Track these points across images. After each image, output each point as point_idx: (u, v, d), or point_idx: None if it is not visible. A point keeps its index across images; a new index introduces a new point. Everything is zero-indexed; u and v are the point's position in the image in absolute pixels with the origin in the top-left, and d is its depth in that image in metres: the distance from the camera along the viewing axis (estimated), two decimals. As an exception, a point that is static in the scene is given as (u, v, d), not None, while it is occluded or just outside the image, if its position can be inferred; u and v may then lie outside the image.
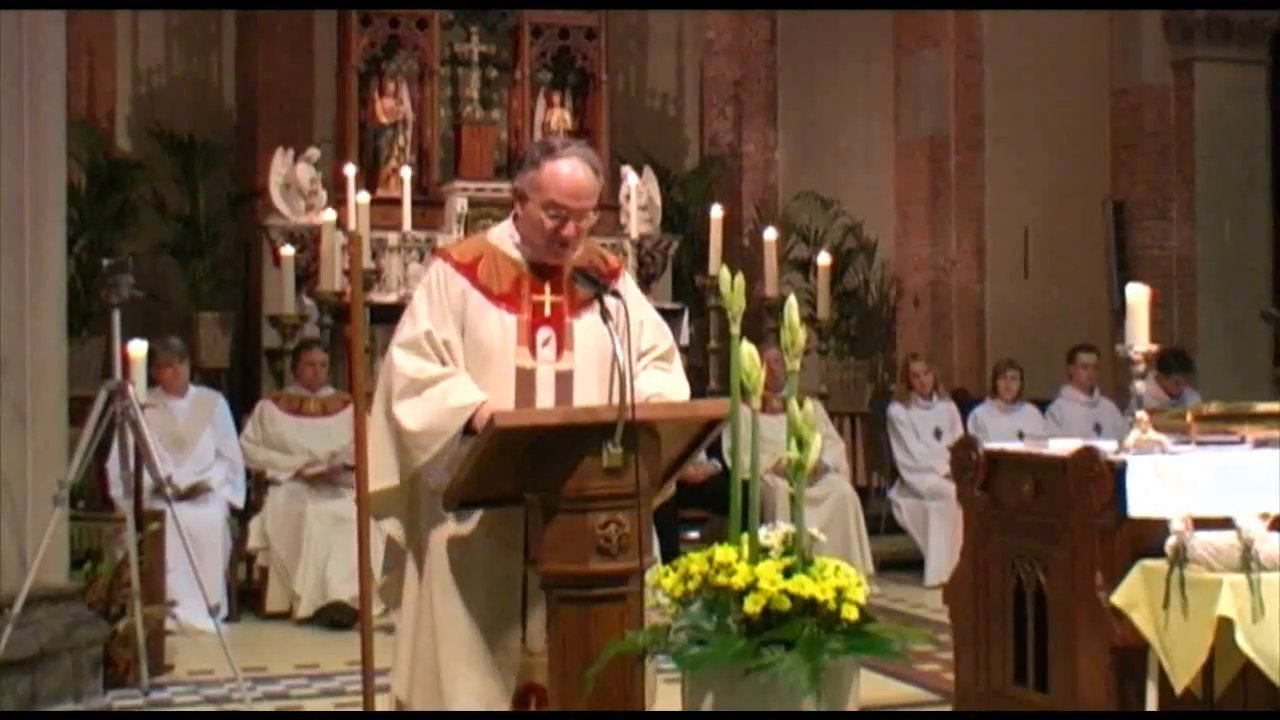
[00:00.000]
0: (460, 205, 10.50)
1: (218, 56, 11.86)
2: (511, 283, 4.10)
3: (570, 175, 4.03)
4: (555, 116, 11.17)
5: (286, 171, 10.47)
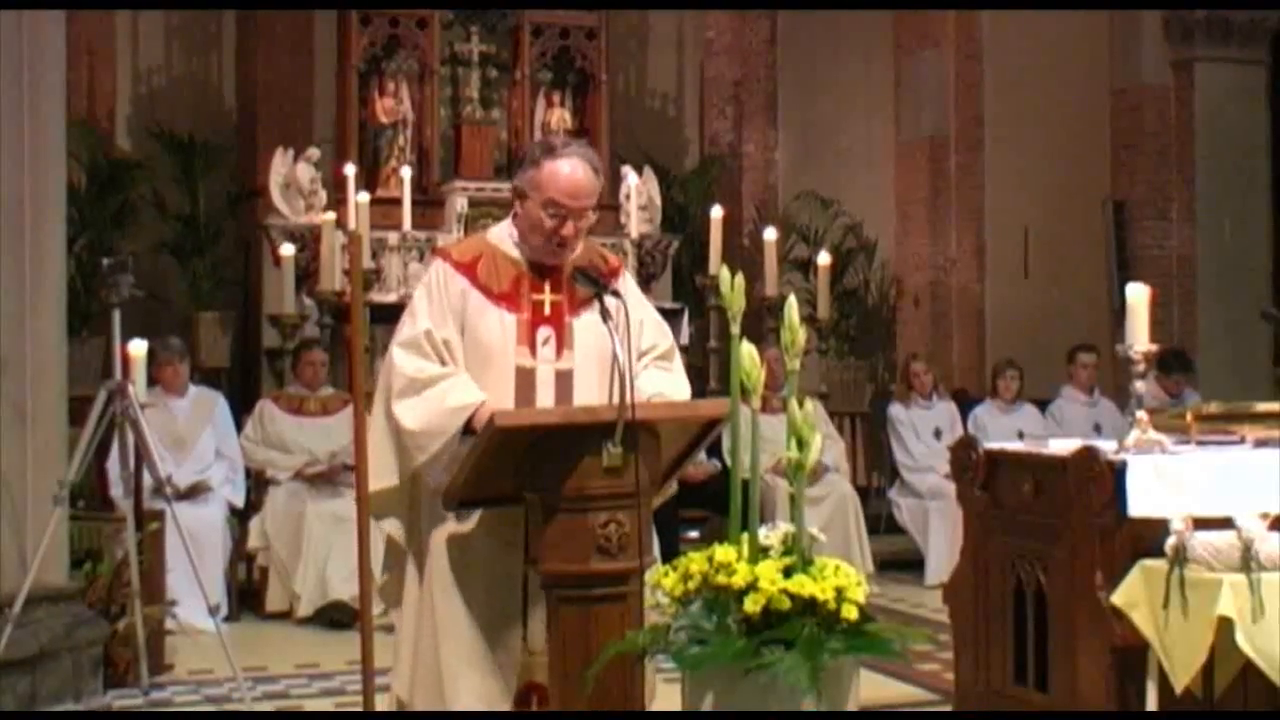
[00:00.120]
0: (460, 205, 10.50)
1: (218, 56, 11.85)
2: (511, 282, 4.09)
3: (570, 174, 4.02)
4: (555, 116, 11.17)
5: (286, 171, 10.47)
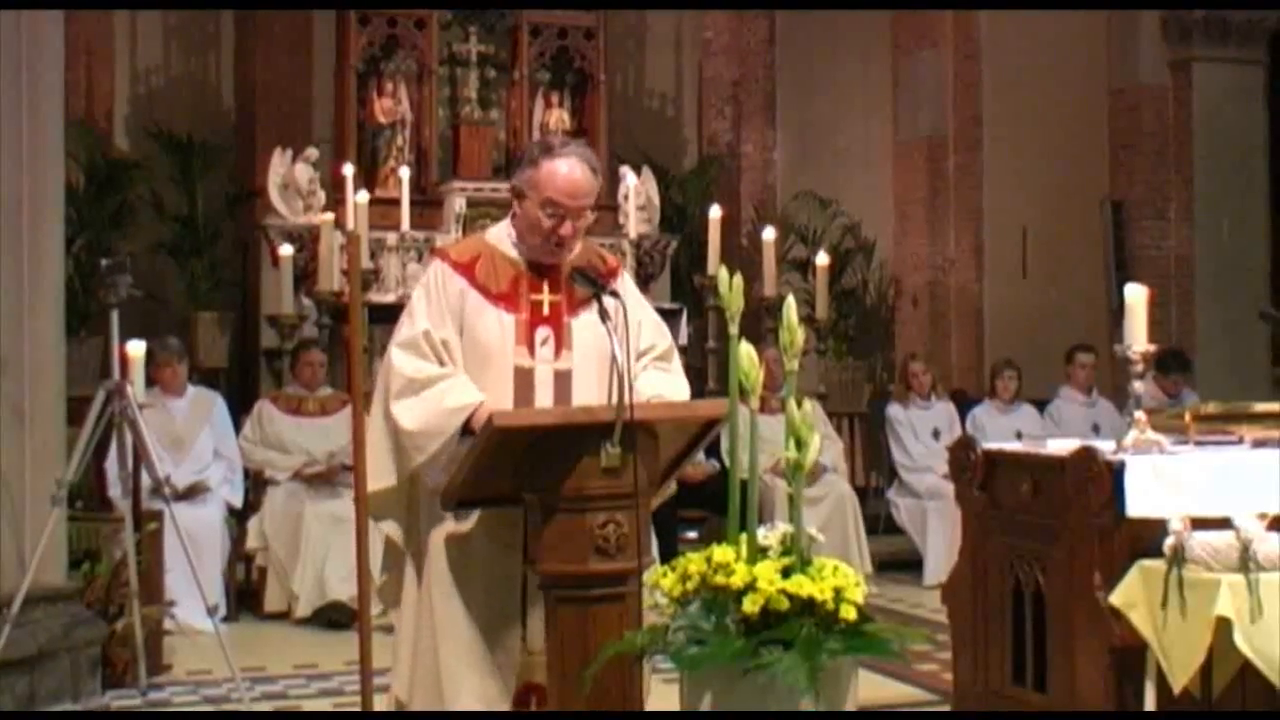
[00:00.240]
0: (459, 205, 10.49)
1: (216, 56, 11.84)
2: (510, 282, 4.09)
3: (568, 174, 4.02)
4: (554, 116, 11.16)
5: (285, 171, 10.46)
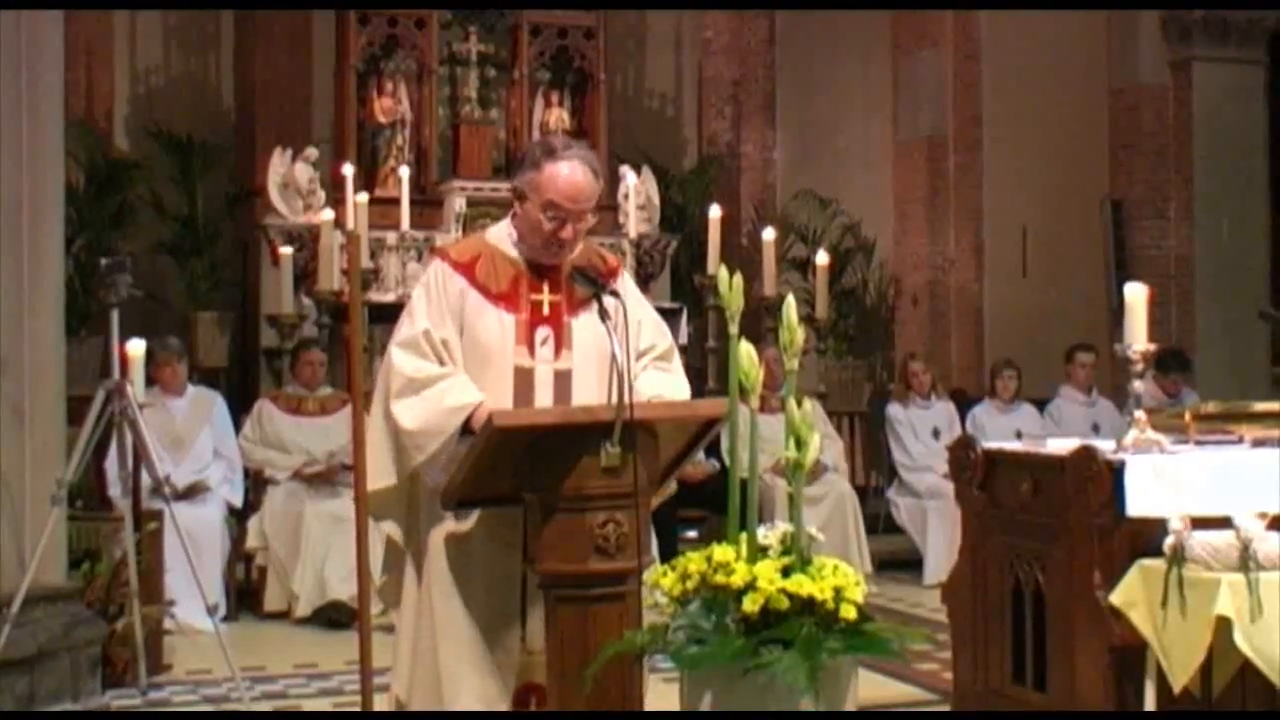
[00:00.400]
0: (458, 205, 10.50)
1: (216, 56, 11.84)
2: (510, 282, 4.09)
3: (569, 177, 4.02)
4: (553, 116, 11.16)
5: (285, 171, 10.46)
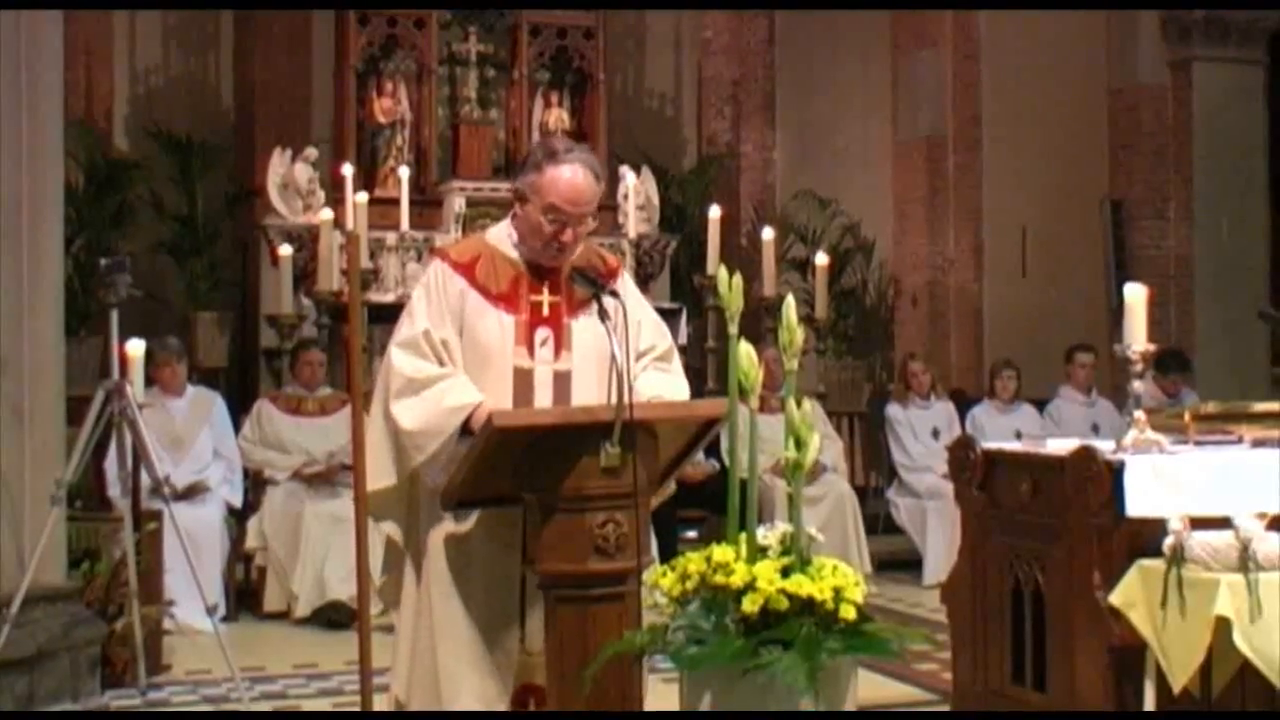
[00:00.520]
0: (458, 205, 10.50)
1: (215, 56, 11.85)
2: (510, 283, 4.09)
3: (571, 180, 4.02)
4: (553, 116, 11.16)
5: (284, 171, 10.47)
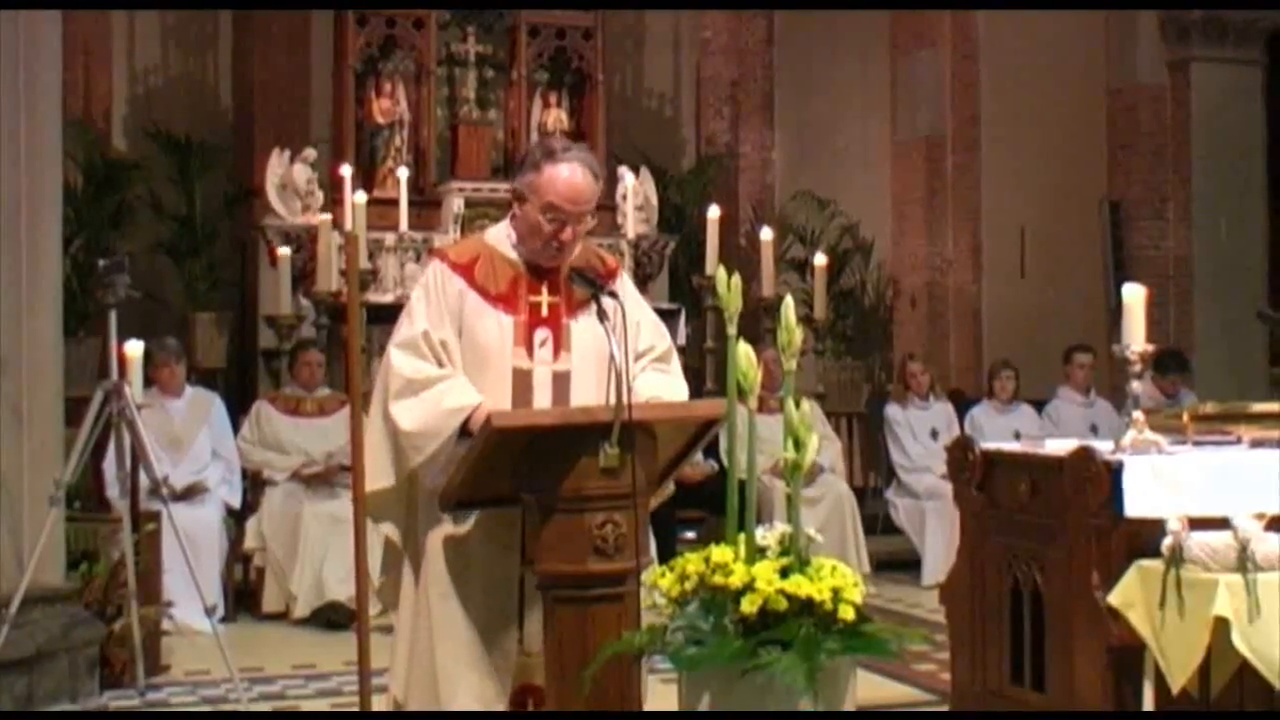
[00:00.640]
0: (457, 205, 10.49)
1: (214, 56, 11.85)
2: (509, 283, 4.09)
3: (569, 179, 4.02)
4: (552, 117, 11.16)
5: (283, 172, 10.46)
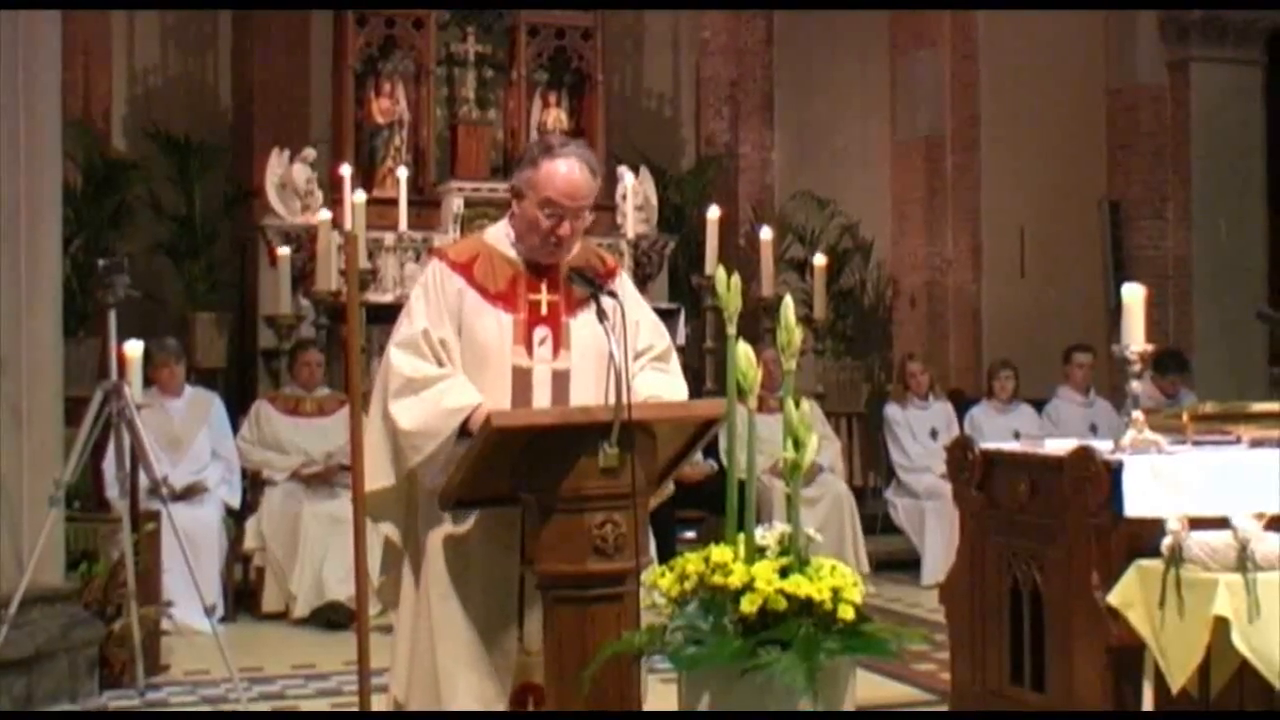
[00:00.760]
0: (456, 205, 10.49)
1: (213, 56, 11.85)
2: (508, 282, 4.09)
3: (567, 174, 4.02)
4: (551, 116, 11.17)
5: (283, 171, 10.46)
